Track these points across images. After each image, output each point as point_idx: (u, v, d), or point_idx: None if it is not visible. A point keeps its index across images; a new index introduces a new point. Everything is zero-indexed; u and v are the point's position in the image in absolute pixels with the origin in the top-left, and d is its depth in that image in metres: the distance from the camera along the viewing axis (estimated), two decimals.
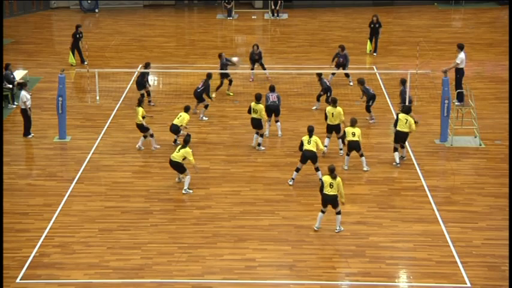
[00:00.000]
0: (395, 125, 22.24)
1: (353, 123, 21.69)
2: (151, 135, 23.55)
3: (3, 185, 21.03)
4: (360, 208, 20.13)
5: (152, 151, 23.49)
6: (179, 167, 20.78)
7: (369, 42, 32.51)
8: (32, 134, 24.40)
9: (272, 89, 24.59)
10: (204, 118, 25.90)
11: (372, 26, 32.36)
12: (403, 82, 25.21)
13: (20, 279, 17.17)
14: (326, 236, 18.88)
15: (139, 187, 21.37)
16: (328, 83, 26.25)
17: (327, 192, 18.50)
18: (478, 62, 31.30)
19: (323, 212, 18.82)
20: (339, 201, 18.68)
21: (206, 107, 25.98)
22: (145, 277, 17.22)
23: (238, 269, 17.52)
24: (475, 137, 24.05)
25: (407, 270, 17.59)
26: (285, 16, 39.54)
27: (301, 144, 21.15)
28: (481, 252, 18.13)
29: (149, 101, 26.98)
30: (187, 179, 20.86)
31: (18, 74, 28.94)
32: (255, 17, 39.91)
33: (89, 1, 40.64)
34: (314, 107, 26.53)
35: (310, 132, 21.12)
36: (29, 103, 24.27)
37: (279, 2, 39.29)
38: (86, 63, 30.88)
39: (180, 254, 18.07)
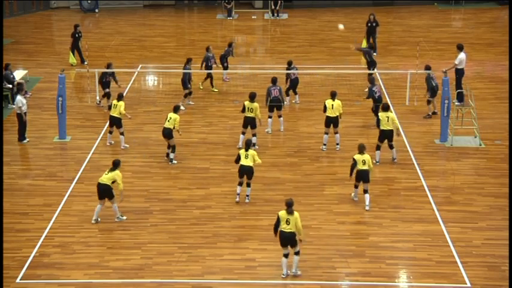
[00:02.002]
0: (378, 124, 22.15)
1: (362, 150, 19.83)
2: (122, 133, 23.67)
3: (3, 185, 21.03)
4: (360, 208, 20.13)
5: (151, 152, 23.50)
6: (107, 192, 19.06)
7: (364, 40, 32.48)
8: (27, 139, 24.33)
9: (274, 81, 24.53)
10: (191, 103, 26.92)
11: (369, 25, 32.33)
12: (428, 68, 25.93)
13: (20, 279, 17.17)
14: (326, 236, 18.89)
15: (139, 187, 21.36)
16: (376, 94, 24.61)
17: (283, 230, 16.84)
18: (478, 62, 31.30)
19: (285, 256, 17.08)
20: (297, 238, 16.97)
21: (190, 93, 26.75)
22: (145, 277, 17.22)
23: (238, 269, 17.52)
24: (475, 137, 24.05)
25: (407, 270, 17.60)
26: (285, 16, 39.54)
27: (238, 157, 20.17)
28: (481, 252, 18.13)
29: (99, 102, 27.13)
30: (115, 206, 19.38)
31: (18, 74, 28.95)
32: (255, 17, 39.91)
33: (89, 1, 40.64)
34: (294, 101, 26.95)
35: (247, 146, 20.19)
36: (24, 108, 24.14)
37: (279, 2, 39.29)
38: (86, 63, 30.88)
39: (180, 254, 18.07)
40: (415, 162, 22.65)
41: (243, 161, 20.15)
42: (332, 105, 22.92)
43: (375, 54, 32.26)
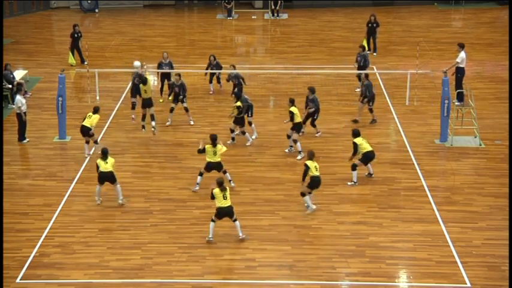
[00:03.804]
0: (355, 153, 21.03)
1: (312, 157, 19.56)
2: (96, 142, 23.18)
3: (3, 185, 21.04)
4: (360, 208, 20.13)
5: (151, 152, 23.51)
6: (112, 178, 20.07)
7: (365, 41, 32.49)
8: (27, 139, 24.32)
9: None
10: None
11: (370, 25, 32.35)
12: (367, 76, 25.32)
13: (20, 279, 17.18)
14: (326, 236, 18.89)
15: (139, 187, 21.36)
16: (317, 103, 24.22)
17: (222, 205, 18.19)
18: (478, 62, 31.29)
19: (214, 221, 18.44)
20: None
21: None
22: (145, 277, 17.23)
23: (238, 269, 17.53)
24: (475, 137, 24.05)
25: (407, 270, 17.60)
26: (285, 16, 39.54)
27: (203, 150, 20.37)
28: (481, 252, 18.13)
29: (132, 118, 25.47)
30: (119, 189, 20.20)
31: (18, 74, 28.94)
32: (255, 17, 39.90)
33: (89, 1, 40.64)
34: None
35: (214, 140, 20.22)
36: (23, 108, 24.10)
37: (279, 2, 39.29)
38: (86, 63, 30.87)
39: (180, 254, 18.07)
40: (415, 162, 22.65)
41: (211, 158, 20.48)
42: (297, 111, 22.90)
43: (374, 54, 32.36)
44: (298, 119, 22.89)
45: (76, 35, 31.41)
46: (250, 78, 28.95)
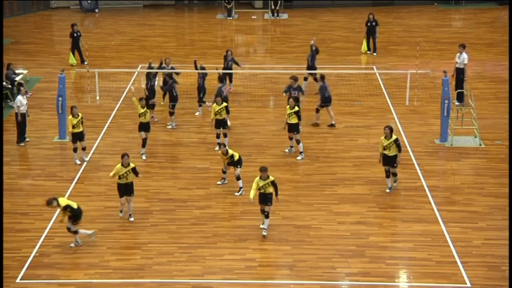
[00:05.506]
0: (400, 150, 20.80)
1: (264, 170, 18.90)
2: (75, 150, 22.74)
3: (3, 185, 21.04)
4: (360, 208, 20.14)
5: (151, 152, 23.51)
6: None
7: (364, 41, 32.48)
8: (27, 139, 24.25)
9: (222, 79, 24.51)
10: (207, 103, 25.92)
11: (369, 24, 32.33)
12: (322, 77, 25.14)
13: (20, 279, 17.18)
14: (326, 236, 18.90)
15: (139, 187, 21.32)
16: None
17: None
18: (478, 62, 31.29)
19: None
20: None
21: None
22: (145, 277, 17.23)
23: (238, 269, 17.53)
24: (475, 137, 24.05)
25: (407, 270, 17.60)
26: (285, 16, 39.53)
27: None
28: (481, 252, 18.13)
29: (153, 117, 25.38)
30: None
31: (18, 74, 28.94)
32: (255, 17, 39.90)
33: (89, 1, 40.64)
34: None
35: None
36: (23, 108, 23.97)
37: (279, 2, 39.29)
38: (86, 63, 30.87)
39: (180, 254, 18.08)
40: (415, 162, 22.65)
41: None
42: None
43: (374, 54, 32.34)
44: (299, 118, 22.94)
45: (75, 35, 31.40)
46: (250, 78, 28.96)
